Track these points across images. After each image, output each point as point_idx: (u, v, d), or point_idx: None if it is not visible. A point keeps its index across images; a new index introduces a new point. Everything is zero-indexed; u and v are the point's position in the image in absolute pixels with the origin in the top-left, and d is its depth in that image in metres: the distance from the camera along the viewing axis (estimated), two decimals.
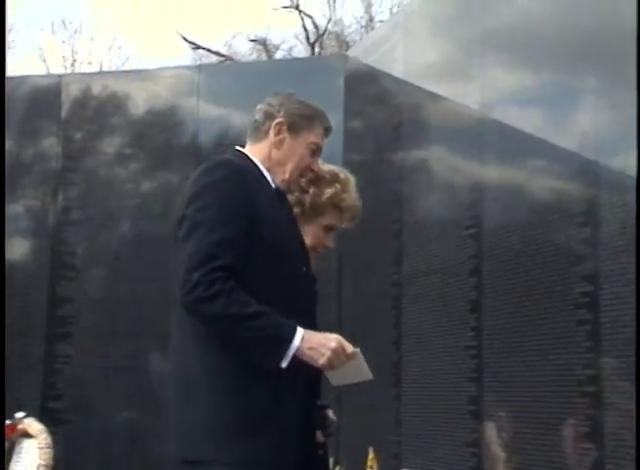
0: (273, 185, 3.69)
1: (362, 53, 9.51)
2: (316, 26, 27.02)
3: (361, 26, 26.30)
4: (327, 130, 3.86)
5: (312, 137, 3.79)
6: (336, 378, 3.54)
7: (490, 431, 6.62)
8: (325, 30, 26.96)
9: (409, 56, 8.19)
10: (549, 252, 6.11)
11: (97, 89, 10.01)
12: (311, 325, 3.57)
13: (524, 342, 6.12)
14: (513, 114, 6.54)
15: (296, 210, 4.01)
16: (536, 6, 6.48)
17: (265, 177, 3.67)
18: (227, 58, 26.39)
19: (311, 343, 3.35)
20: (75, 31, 29.37)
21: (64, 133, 9.75)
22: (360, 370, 3.54)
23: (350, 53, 10.33)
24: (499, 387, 6.52)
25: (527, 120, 6.56)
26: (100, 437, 9.15)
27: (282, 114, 3.76)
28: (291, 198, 3.99)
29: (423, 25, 8.18)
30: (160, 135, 9.72)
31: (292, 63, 15.38)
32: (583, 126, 5.91)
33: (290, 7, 26.94)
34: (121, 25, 43.96)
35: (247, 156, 3.73)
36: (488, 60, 6.76)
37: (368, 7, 27.13)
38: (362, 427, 7.98)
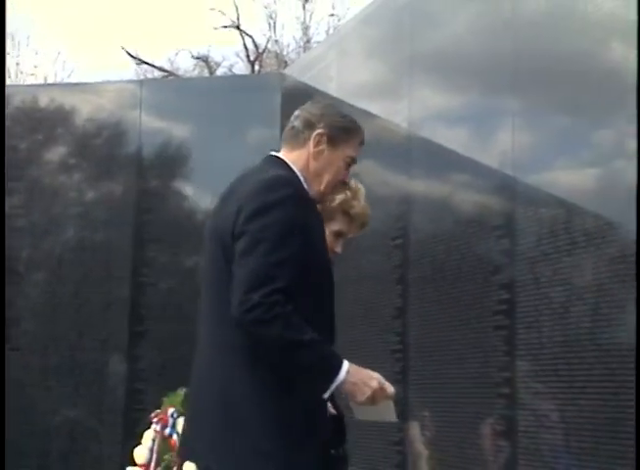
0: (310, 195, 3.56)
1: (299, 71, 9.59)
2: (256, 45, 26.82)
3: (299, 46, 26.30)
4: (361, 144, 3.74)
5: (349, 151, 3.66)
6: (362, 413, 3.46)
7: (414, 430, 6.75)
8: (265, 49, 26.79)
9: (343, 75, 8.29)
10: (470, 262, 6.25)
11: (43, 101, 10.01)
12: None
13: (446, 346, 6.24)
14: (439, 131, 6.65)
15: None
16: (462, 31, 6.60)
17: (305, 188, 3.55)
18: (170, 73, 26.24)
19: (355, 378, 3.24)
20: (19, 44, 29.04)
21: (8, 143, 9.76)
22: (388, 412, 3.44)
23: (287, 71, 10.41)
24: (423, 388, 6.63)
25: (452, 138, 6.65)
26: (40, 437, 9.16)
27: (322, 124, 3.63)
28: None
29: (356, 47, 8.27)
30: (103, 146, 9.75)
31: (231, 79, 15.44)
32: (503, 145, 6.06)
33: (231, 26, 26.74)
34: (67, 40, 43.52)
35: (287, 164, 3.60)
36: (416, 80, 6.86)
37: (306, 29, 27.08)
38: None
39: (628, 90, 5.14)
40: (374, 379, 3.29)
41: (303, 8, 27.57)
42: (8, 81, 25.26)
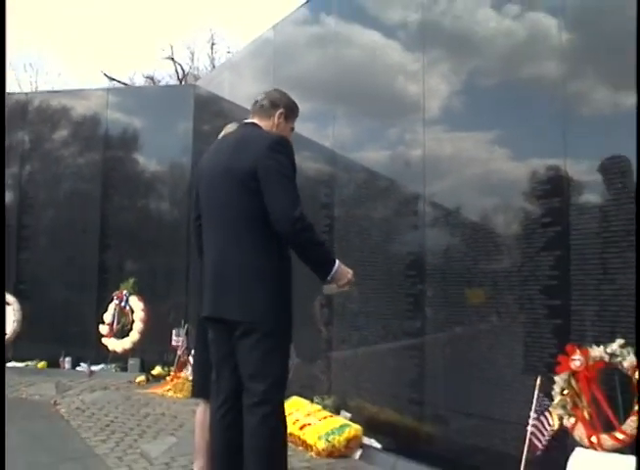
0: None
1: (205, 84, 9.46)
2: (183, 70, 28.14)
3: (208, 71, 26.78)
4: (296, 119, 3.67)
5: (292, 124, 3.61)
6: (328, 289, 3.39)
7: None
8: (188, 73, 27.65)
9: (232, 87, 8.18)
10: (307, 203, 6.22)
11: (52, 102, 9.90)
12: None
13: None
14: (296, 125, 6.62)
15: None
16: (308, 65, 6.59)
17: None
18: (128, 86, 26.10)
19: (342, 269, 3.25)
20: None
21: (30, 129, 9.69)
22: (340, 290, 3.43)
23: (198, 84, 10.28)
24: None
25: (302, 129, 6.66)
26: (50, 307, 9.07)
27: (282, 105, 3.52)
28: None
29: (240, 70, 8.16)
30: (86, 130, 9.64)
31: (165, 89, 15.35)
32: (330, 134, 6.10)
33: (168, 58, 28.08)
34: (63, 64, 42.25)
35: (263, 129, 3.44)
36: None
37: (212, 60, 28.23)
38: None
39: (408, 105, 5.22)
40: (350, 272, 3.31)
41: (211, 48, 29.17)
42: (28, 89, 24.69)
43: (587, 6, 3.93)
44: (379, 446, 4.93)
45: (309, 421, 5.14)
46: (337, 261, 3.26)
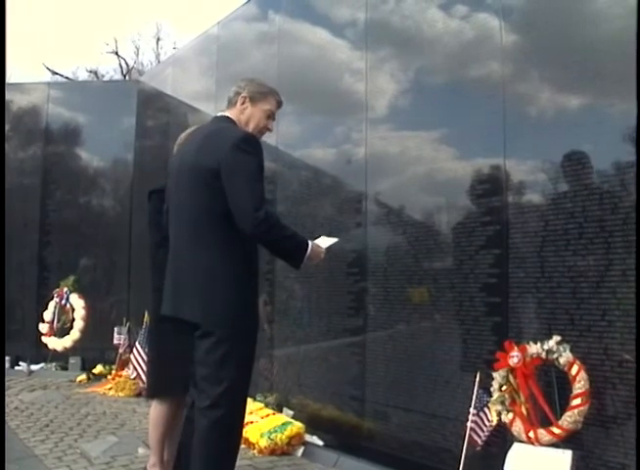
0: None
1: (148, 79, 9.37)
2: (127, 65, 27.82)
3: (153, 66, 26.53)
4: (279, 103, 3.49)
5: (267, 106, 3.39)
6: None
7: None
8: (132, 67, 27.39)
9: (175, 82, 8.13)
10: None
11: None
12: None
13: None
14: None
15: None
16: (251, 62, 6.58)
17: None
18: (71, 80, 25.63)
19: (314, 251, 3.17)
20: None
21: None
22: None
23: (142, 79, 10.15)
24: None
25: None
26: None
27: (245, 91, 3.36)
28: None
29: (184, 66, 8.10)
30: (27, 124, 9.46)
31: (107, 84, 15.21)
32: (277, 130, 6.03)
33: (111, 52, 27.73)
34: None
35: (231, 119, 3.33)
36: (222, 90, 6.75)
37: (157, 55, 27.83)
38: None
39: (353, 104, 5.24)
40: (323, 252, 3.27)
41: (157, 43, 28.80)
42: None
43: (530, 9, 3.99)
44: (321, 443, 4.94)
45: (251, 419, 5.12)
46: (309, 247, 3.19)
